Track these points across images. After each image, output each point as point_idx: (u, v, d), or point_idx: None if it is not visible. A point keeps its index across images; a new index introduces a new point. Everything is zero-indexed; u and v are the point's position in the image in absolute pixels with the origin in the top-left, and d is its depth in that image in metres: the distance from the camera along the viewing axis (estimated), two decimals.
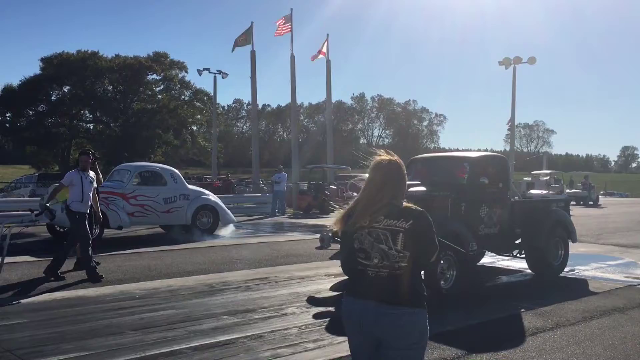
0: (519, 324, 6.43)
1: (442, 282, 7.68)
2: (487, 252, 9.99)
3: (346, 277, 8.98)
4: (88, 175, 8.74)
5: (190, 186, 15.11)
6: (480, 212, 8.55)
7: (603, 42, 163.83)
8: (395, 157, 2.93)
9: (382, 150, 2.97)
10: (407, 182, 3.05)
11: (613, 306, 7.26)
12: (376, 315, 2.79)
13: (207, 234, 14.19)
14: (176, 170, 14.84)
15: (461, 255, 7.81)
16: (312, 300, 7.38)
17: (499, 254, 10.02)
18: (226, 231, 15.07)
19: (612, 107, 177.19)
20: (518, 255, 9.52)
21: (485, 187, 8.53)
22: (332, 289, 8.18)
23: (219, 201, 15.13)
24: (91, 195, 8.77)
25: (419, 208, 2.88)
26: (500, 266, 10.41)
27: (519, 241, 9.34)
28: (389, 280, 2.80)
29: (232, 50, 29.82)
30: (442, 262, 7.64)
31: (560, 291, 8.23)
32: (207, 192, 15.55)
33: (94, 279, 8.37)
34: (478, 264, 10.04)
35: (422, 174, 9.14)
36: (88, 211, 8.71)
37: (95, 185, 8.97)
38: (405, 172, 2.95)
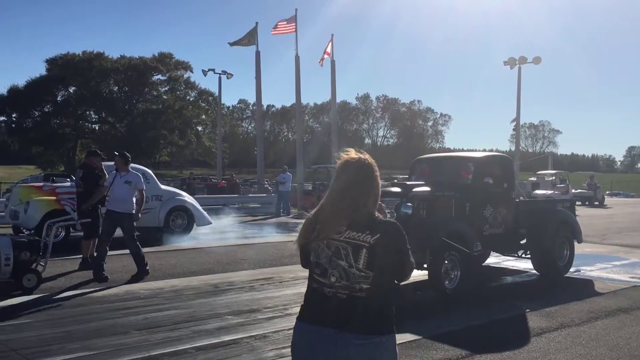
0: (523, 325, 6.42)
1: (447, 282, 7.67)
2: (492, 253, 9.97)
3: None
4: (122, 175, 8.82)
5: (163, 186, 14.50)
6: (484, 212, 8.54)
7: (609, 41, 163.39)
8: (366, 157, 2.49)
9: (353, 149, 2.53)
10: (410, 183, 2.90)
11: (618, 307, 7.24)
12: (336, 345, 2.32)
13: (182, 235, 13.52)
14: (149, 170, 13.99)
15: (465, 255, 7.81)
16: None
17: (504, 254, 10.00)
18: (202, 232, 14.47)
19: (618, 107, 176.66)
20: (523, 255, 9.50)
21: (490, 187, 8.50)
22: None
23: (195, 202, 14.56)
24: (124, 195, 8.70)
25: (391, 220, 2.45)
26: (505, 266, 10.38)
27: (524, 241, 9.32)
28: (349, 303, 2.33)
29: (231, 44, 29.73)
30: (446, 262, 7.64)
31: (565, 292, 8.21)
32: (181, 192, 14.94)
33: (100, 278, 8.40)
34: (483, 264, 10.02)
35: (427, 174, 9.14)
36: (118, 209, 8.64)
37: (140, 187, 8.89)
38: (378, 174, 2.48)
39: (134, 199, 8.78)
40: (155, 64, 59.88)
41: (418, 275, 8.49)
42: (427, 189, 8.26)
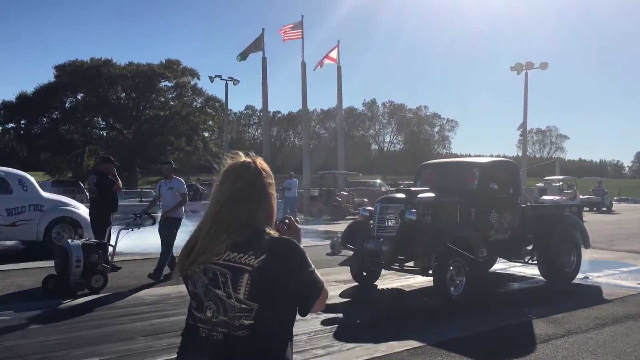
0: (530, 331, 6.38)
1: (452, 288, 7.64)
2: (499, 259, 9.93)
3: (357, 283, 8.92)
4: (168, 182, 9.50)
5: (47, 194, 12.78)
6: (490, 218, 8.51)
7: (616, 46, 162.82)
8: (256, 160, 2.01)
9: (241, 151, 2.07)
10: (415, 189, 2.62)
11: (626, 313, 7.19)
12: None
13: None
14: (28, 176, 12.44)
15: (470, 261, 7.77)
16: None
17: (510, 260, 9.95)
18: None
19: (626, 112, 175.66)
20: (530, 261, 9.46)
21: (496, 192, 8.47)
22: (341, 295, 8.19)
23: (85, 212, 11.72)
24: (170, 201, 9.35)
25: (284, 237, 1.93)
26: (512, 273, 10.33)
27: (530, 247, 9.28)
28: (226, 346, 1.83)
29: (243, 58, 29.78)
30: (451, 268, 7.60)
31: (573, 298, 8.16)
32: (71, 201, 13.12)
33: (155, 276, 9.00)
34: (490, 270, 9.99)
35: (432, 180, 9.13)
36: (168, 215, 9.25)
37: (181, 191, 9.51)
38: (271, 181, 2.00)
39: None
40: (162, 70, 60.15)
41: (424, 281, 8.49)
42: (431, 194, 8.25)
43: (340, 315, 7.03)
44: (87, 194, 10.30)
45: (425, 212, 8.07)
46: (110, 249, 8.73)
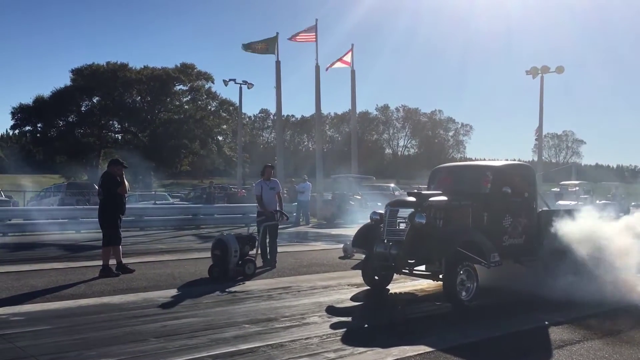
0: (544, 337, 6.29)
1: (463, 293, 7.54)
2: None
3: (368, 287, 8.84)
4: (269, 182, 11.12)
5: None
6: (503, 222, 8.38)
7: (633, 49, 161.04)
8: None
9: None
10: (426, 192, 2.57)
11: None
12: None
13: None
14: None
15: (482, 265, 7.65)
16: (332, 310, 7.34)
17: (524, 265, 9.78)
18: None
19: None
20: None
21: (509, 196, 8.34)
22: (353, 299, 8.15)
23: None
24: (275, 198, 11.15)
25: None
26: None
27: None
28: None
29: (247, 49, 29.65)
30: (461, 273, 7.50)
31: (588, 303, 8.00)
32: None
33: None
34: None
35: (446, 184, 9.03)
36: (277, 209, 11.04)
37: (279, 190, 11.31)
38: None
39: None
40: (177, 74, 60.52)
41: (437, 285, 8.39)
42: (443, 198, 8.16)
43: (351, 319, 6.98)
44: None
45: (436, 215, 7.96)
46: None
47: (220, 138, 66.28)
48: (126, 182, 9.93)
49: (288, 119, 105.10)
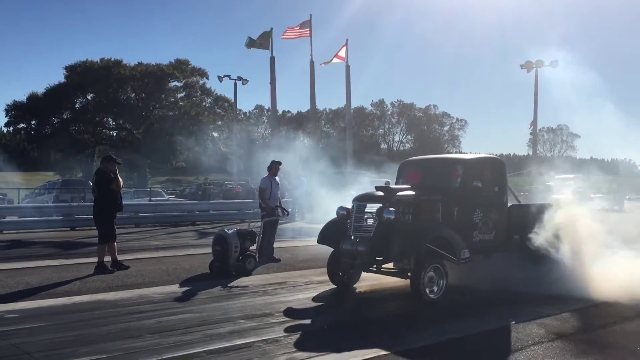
0: (511, 336, 6.19)
1: (431, 290, 7.27)
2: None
3: (334, 286, 8.37)
4: (274, 179, 11.21)
5: None
6: (474, 217, 8.09)
7: (626, 42, 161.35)
8: None
9: None
10: (394, 187, 2.34)
11: (637, 312, 7.07)
12: None
13: None
14: None
15: (452, 263, 7.38)
16: (291, 312, 7.25)
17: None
18: None
19: (637, 110, 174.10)
20: None
21: (480, 191, 8.05)
22: (315, 299, 7.75)
23: None
24: (278, 195, 11.26)
25: None
26: None
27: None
28: None
29: (248, 46, 29.70)
30: (430, 270, 7.20)
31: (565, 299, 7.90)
32: None
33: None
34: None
35: (414, 178, 8.71)
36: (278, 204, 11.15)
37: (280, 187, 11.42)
38: None
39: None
40: (171, 70, 60.34)
41: (403, 283, 7.91)
42: (411, 193, 7.87)
43: (308, 321, 6.59)
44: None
45: (404, 211, 7.67)
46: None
47: (215, 134, 66.17)
48: (120, 179, 9.90)
49: (283, 114, 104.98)
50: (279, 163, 11.55)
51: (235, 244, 9.50)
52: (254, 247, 10.03)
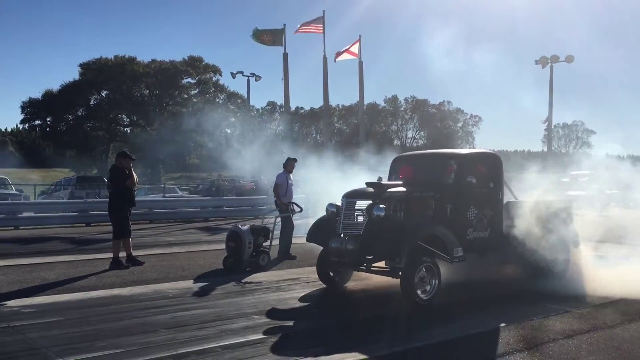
0: (504, 338, 6.24)
1: (423, 291, 6.98)
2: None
3: (324, 285, 8.21)
4: (289, 176, 11.34)
5: None
6: (468, 214, 7.78)
7: None
8: None
9: None
10: (385, 182, 2.13)
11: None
12: None
13: None
14: None
15: (445, 261, 7.17)
16: (281, 310, 7.26)
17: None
18: None
19: None
20: None
21: (474, 187, 7.75)
22: (302, 299, 7.50)
23: None
24: (293, 191, 11.38)
25: None
26: None
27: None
28: None
29: (254, 38, 29.57)
30: (422, 269, 6.93)
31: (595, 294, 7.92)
32: None
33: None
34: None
35: (407, 173, 8.44)
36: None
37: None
38: None
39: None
40: (185, 67, 60.68)
41: (394, 283, 7.53)
42: (403, 189, 7.62)
43: (291, 322, 6.34)
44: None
45: (396, 208, 7.40)
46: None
47: (228, 131, 66.39)
48: (135, 175, 9.97)
49: (296, 110, 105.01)
50: (295, 160, 11.66)
51: (248, 240, 9.63)
52: (267, 243, 10.03)
